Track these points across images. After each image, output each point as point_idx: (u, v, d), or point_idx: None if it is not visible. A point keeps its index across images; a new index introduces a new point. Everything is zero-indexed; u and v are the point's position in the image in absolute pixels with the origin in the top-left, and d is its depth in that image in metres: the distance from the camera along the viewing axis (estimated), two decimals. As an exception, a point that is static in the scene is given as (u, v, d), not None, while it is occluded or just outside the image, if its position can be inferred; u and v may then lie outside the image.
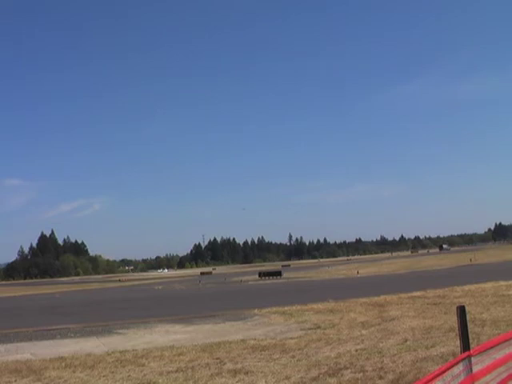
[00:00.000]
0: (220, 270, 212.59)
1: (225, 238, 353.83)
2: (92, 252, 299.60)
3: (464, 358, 7.22)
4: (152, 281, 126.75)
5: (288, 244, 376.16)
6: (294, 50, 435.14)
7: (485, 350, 7.75)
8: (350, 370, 12.54)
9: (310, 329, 20.64)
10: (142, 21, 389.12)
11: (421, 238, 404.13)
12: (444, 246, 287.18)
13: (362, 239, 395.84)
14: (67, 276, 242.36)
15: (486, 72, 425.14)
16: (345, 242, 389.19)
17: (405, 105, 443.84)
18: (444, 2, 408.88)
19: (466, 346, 7.51)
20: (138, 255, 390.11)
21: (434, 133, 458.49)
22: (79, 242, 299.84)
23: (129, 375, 13.89)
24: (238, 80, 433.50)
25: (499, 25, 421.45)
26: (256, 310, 28.89)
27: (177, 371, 13.93)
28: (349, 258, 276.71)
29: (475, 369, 7.36)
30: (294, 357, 14.77)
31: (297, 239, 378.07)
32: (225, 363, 14.58)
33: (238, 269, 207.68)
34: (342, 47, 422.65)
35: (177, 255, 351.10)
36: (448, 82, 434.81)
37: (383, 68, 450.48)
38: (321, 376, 12.19)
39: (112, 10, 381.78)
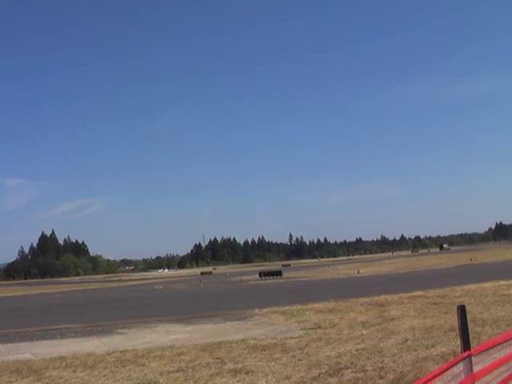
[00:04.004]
0: (220, 269, 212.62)
1: (225, 237, 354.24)
2: (92, 252, 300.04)
3: (464, 358, 7.22)
4: (152, 281, 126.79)
5: (288, 244, 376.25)
6: (294, 50, 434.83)
7: (485, 350, 7.75)
8: (350, 370, 12.54)
9: (310, 328, 20.64)
10: (144, 21, 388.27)
11: (421, 237, 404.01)
12: (444, 245, 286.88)
13: (363, 239, 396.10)
14: (68, 276, 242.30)
15: (486, 72, 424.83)
16: (345, 241, 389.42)
17: (405, 105, 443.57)
18: (444, 2, 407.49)
19: (466, 345, 7.51)
20: (138, 255, 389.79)
21: (435, 132, 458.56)
22: (80, 242, 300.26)
23: (129, 375, 13.90)
24: (239, 80, 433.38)
25: (499, 25, 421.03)
26: (256, 310, 28.88)
27: (177, 371, 13.93)
28: (349, 257, 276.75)
29: (476, 368, 7.36)
30: (294, 356, 14.76)
31: (297, 239, 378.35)
32: (225, 363, 14.57)
33: (239, 268, 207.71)
34: (343, 47, 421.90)
35: (177, 255, 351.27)
36: (448, 82, 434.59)
37: (383, 68, 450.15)
38: (321, 376, 12.19)
39: (118, 10, 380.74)
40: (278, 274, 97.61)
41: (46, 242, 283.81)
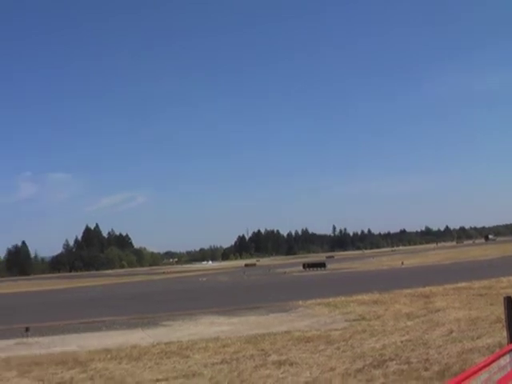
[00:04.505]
0: (264, 261, 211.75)
1: (269, 229, 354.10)
2: (136, 245, 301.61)
3: (511, 350, 7.14)
4: (196, 273, 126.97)
5: (332, 235, 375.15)
6: (325, 42, 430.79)
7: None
8: (395, 362, 12.49)
9: (354, 320, 20.61)
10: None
11: (466, 228, 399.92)
12: (490, 236, 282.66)
13: (407, 230, 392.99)
14: (112, 268, 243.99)
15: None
16: (389, 232, 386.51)
17: (454, 92, 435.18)
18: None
19: (512, 337, 7.42)
20: (182, 247, 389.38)
21: (479, 121, 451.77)
22: (123, 234, 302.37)
23: (174, 367, 13.99)
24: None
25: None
26: (300, 302, 28.88)
27: (221, 363, 14.00)
28: (393, 248, 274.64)
29: (522, 360, 7.27)
30: (338, 348, 14.75)
31: (341, 230, 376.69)
32: (269, 355, 14.61)
33: (282, 260, 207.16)
34: (371, 36, 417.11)
35: (221, 247, 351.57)
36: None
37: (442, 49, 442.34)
38: (366, 367, 12.16)
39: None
40: (322, 265, 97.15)
41: (90, 235, 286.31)
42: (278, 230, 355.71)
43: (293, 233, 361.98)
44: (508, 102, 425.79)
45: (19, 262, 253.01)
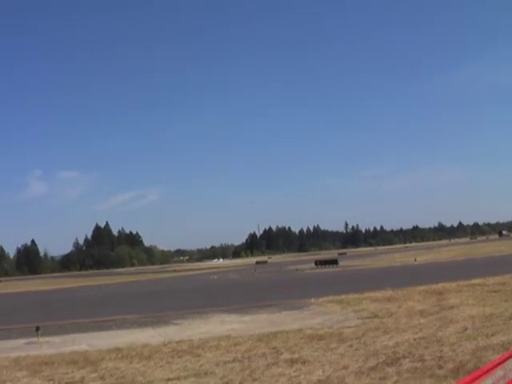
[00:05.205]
0: (275, 258, 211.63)
1: (280, 226, 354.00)
2: (147, 243, 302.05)
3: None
4: (207, 271, 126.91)
5: (344, 232, 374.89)
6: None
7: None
8: (408, 360, 12.38)
9: (367, 318, 20.51)
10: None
11: (479, 224, 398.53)
12: (504, 232, 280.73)
13: (419, 226, 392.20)
14: (122, 267, 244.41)
15: None
16: (401, 229, 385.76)
17: (463, 88, 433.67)
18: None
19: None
20: (192, 245, 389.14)
21: (488, 116, 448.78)
22: (134, 233, 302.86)
23: (185, 365, 13.92)
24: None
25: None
26: (312, 299, 28.81)
27: (233, 361, 13.92)
28: (406, 245, 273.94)
29: (538, 358, 7.12)
30: (351, 346, 14.66)
31: (353, 227, 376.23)
32: (281, 353, 14.53)
33: (294, 257, 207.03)
34: (392, 31, 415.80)
35: (232, 245, 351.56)
36: None
37: (442, 48, 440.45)
38: (379, 365, 12.05)
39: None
40: (334, 262, 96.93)
41: (101, 234, 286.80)
42: (289, 227, 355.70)
43: (304, 230, 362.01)
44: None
45: (29, 261, 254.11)
